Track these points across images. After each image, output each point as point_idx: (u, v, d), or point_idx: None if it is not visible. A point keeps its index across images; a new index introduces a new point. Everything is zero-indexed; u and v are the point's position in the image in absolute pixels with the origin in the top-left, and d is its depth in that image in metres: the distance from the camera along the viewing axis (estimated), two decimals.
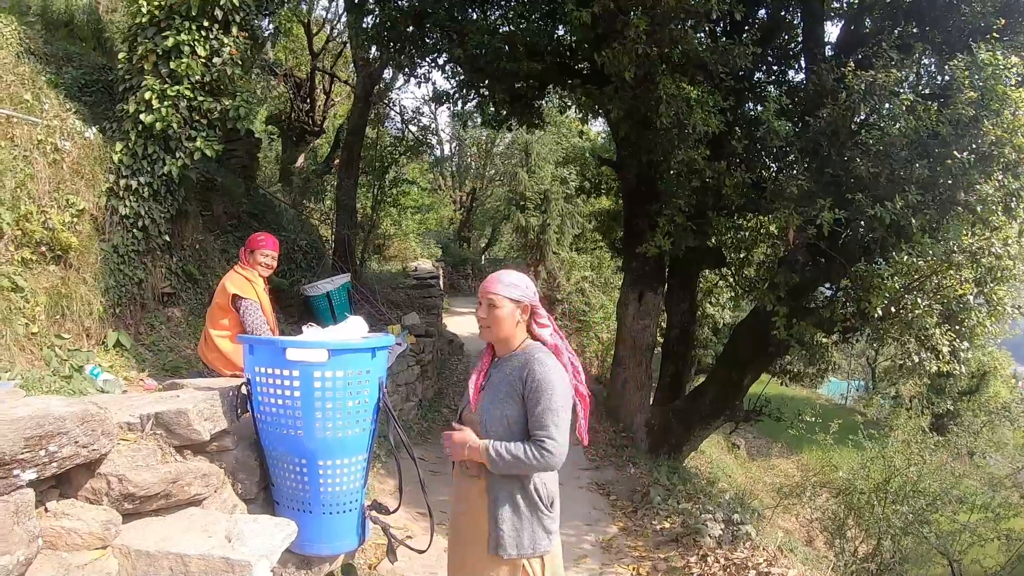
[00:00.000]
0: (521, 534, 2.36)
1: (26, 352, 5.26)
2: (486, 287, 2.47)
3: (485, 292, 2.46)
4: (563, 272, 22.23)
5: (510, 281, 2.46)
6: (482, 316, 2.47)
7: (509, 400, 2.38)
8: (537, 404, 2.32)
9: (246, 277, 4.46)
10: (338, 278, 9.82)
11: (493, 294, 2.43)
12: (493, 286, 2.45)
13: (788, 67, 9.70)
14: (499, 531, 2.34)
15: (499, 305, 2.42)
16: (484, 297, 2.46)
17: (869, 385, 27.79)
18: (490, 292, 2.44)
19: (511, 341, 2.47)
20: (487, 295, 2.44)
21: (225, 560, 1.90)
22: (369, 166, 13.92)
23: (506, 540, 2.34)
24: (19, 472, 1.66)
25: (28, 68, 6.48)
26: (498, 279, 2.47)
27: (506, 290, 2.43)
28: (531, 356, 2.41)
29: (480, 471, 2.40)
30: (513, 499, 2.37)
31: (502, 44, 8.50)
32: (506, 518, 2.35)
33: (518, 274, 2.53)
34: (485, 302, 2.45)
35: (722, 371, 9.18)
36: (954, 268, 5.90)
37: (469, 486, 2.46)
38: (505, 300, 2.42)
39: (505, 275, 2.50)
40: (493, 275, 2.51)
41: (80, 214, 6.06)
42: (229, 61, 6.53)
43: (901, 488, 7.78)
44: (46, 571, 1.73)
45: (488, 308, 2.44)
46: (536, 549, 2.38)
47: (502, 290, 2.43)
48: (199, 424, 2.37)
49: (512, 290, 2.44)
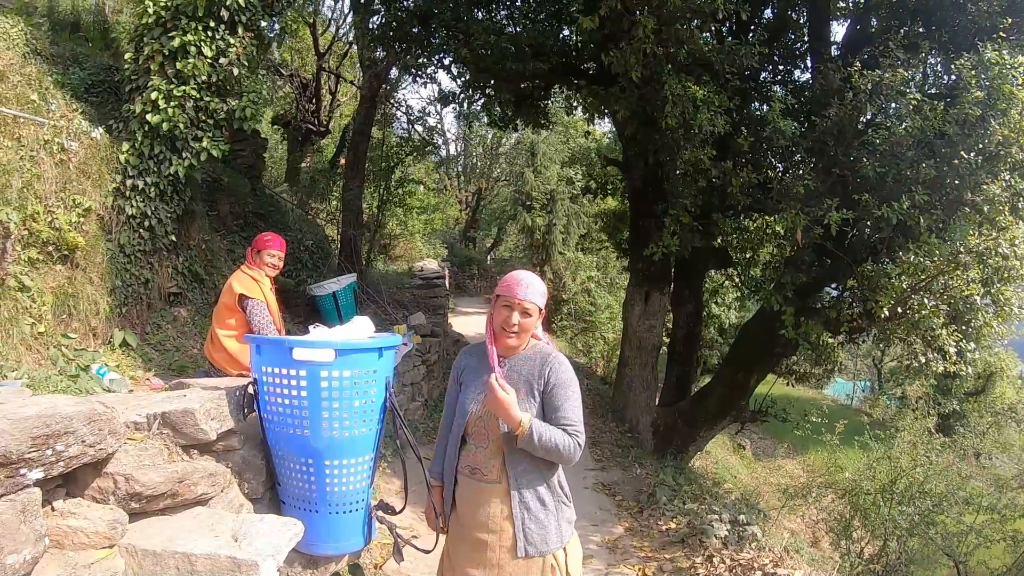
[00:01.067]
0: (548, 529, 2.37)
1: (33, 351, 5.28)
2: (519, 294, 2.40)
3: (518, 299, 2.39)
4: (569, 272, 22.24)
5: (541, 289, 2.43)
6: (512, 323, 2.40)
7: (529, 399, 2.39)
8: (566, 399, 2.37)
9: (253, 277, 4.47)
10: (344, 278, 9.82)
11: (530, 302, 2.39)
12: (527, 293, 2.40)
13: (795, 67, 9.69)
14: (528, 531, 2.34)
15: (533, 313, 2.41)
16: (518, 305, 2.39)
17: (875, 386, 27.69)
18: (527, 300, 2.39)
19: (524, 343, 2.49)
20: (523, 303, 2.39)
21: (232, 560, 1.90)
22: (375, 166, 13.94)
23: (536, 538, 2.34)
24: (26, 471, 1.66)
25: (35, 69, 6.50)
26: (530, 285, 2.41)
27: (540, 299, 2.42)
28: (548, 354, 2.46)
29: (501, 475, 2.38)
30: (539, 497, 2.38)
31: (508, 44, 8.50)
32: (535, 517, 2.36)
33: (538, 279, 2.49)
34: (518, 309, 2.40)
35: (728, 372, 9.16)
36: (961, 268, 5.87)
37: (487, 493, 2.40)
38: (538, 308, 2.42)
39: (535, 281, 2.44)
40: (519, 280, 2.44)
41: (86, 214, 6.08)
42: (235, 61, 6.55)
43: (907, 489, 7.75)
44: (52, 570, 1.73)
45: (521, 315, 2.40)
46: (563, 540, 2.40)
47: (538, 299, 2.41)
48: (206, 424, 2.37)
49: (542, 298, 2.43)
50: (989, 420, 20.12)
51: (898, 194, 5.90)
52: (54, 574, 1.73)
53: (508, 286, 2.43)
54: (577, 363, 16.03)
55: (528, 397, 2.39)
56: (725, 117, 6.67)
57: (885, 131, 6.22)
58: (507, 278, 2.47)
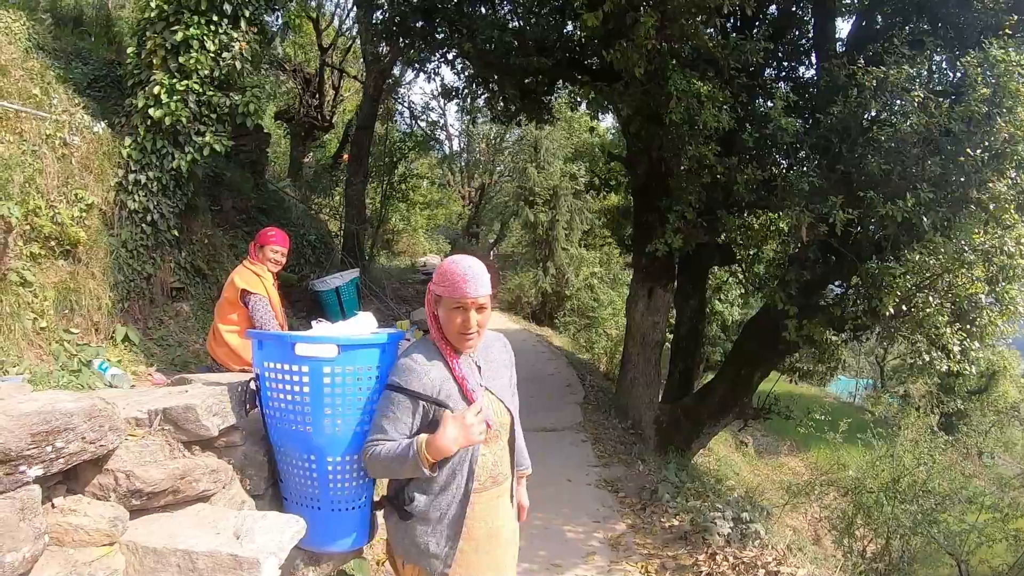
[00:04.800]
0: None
1: (34, 347, 5.30)
2: (470, 292, 2.09)
3: (470, 298, 2.10)
4: (572, 268, 22.25)
5: (487, 275, 2.14)
6: (471, 326, 2.13)
7: (512, 385, 2.41)
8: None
9: (255, 272, 4.47)
10: (347, 273, 9.83)
11: (486, 296, 2.12)
12: (478, 289, 2.10)
13: (800, 63, 9.64)
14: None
15: (487, 304, 2.15)
16: (472, 304, 2.11)
17: (878, 383, 27.66)
18: (480, 297, 2.11)
19: None
20: (480, 299, 2.11)
21: (233, 557, 1.89)
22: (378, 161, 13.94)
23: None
24: (25, 468, 1.65)
25: (37, 63, 6.52)
26: (477, 277, 2.11)
27: (489, 286, 2.14)
28: (497, 335, 2.44)
29: (509, 467, 2.39)
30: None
31: (511, 39, 8.47)
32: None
33: (479, 262, 2.17)
34: (473, 308, 2.11)
35: (731, 368, 9.16)
36: (966, 267, 5.84)
37: (498, 495, 2.34)
38: (489, 296, 2.15)
39: (479, 269, 2.13)
40: (464, 275, 2.11)
41: (89, 209, 6.10)
42: (238, 56, 6.54)
43: (911, 487, 7.74)
44: (52, 568, 1.73)
45: (477, 312, 2.14)
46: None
47: (488, 288, 2.13)
48: (207, 419, 2.35)
49: (490, 284, 2.14)
50: (992, 419, 20.12)
51: (903, 191, 5.88)
52: (54, 572, 1.72)
53: (453, 284, 2.11)
54: (580, 359, 16.03)
55: (511, 384, 2.40)
56: (730, 113, 6.65)
57: (890, 128, 6.19)
58: (448, 274, 2.13)
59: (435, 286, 2.18)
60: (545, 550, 5.22)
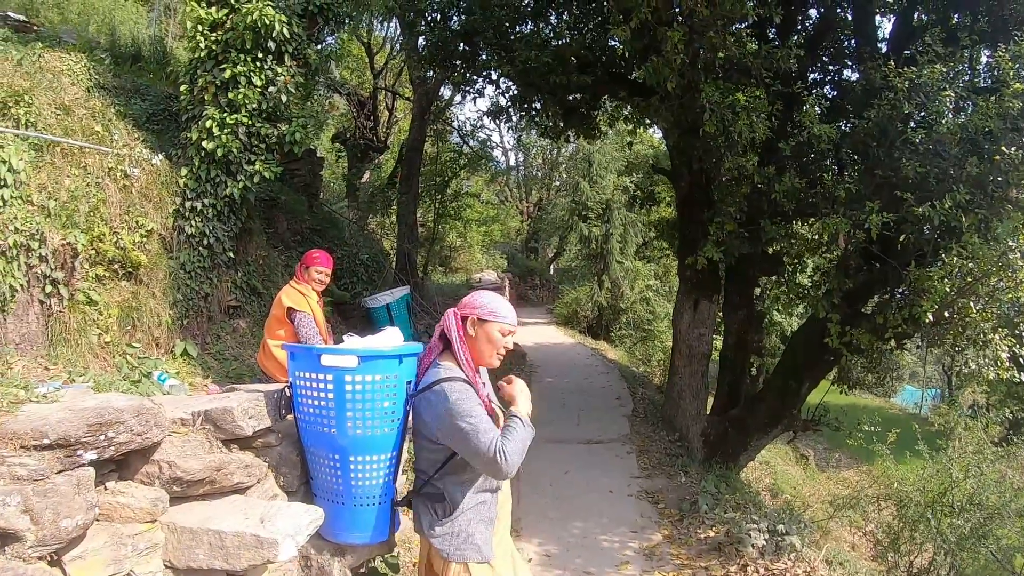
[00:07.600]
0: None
1: (99, 359, 5.75)
2: (515, 320, 2.57)
3: (515, 327, 2.58)
4: (627, 281, 22.17)
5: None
6: (510, 347, 2.60)
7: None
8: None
9: (300, 291, 4.78)
10: (397, 290, 10.17)
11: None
12: (514, 318, 2.58)
13: (844, 66, 9.53)
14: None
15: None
16: (512, 331, 2.58)
17: (945, 393, 26.54)
18: (515, 324, 2.57)
19: None
20: (514, 329, 2.58)
21: (256, 537, 2.19)
22: (429, 181, 14.31)
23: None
24: (82, 452, 2.01)
25: (98, 101, 7.02)
26: (511, 311, 2.58)
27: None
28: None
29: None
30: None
31: (551, 59, 8.66)
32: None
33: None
34: (511, 336, 2.58)
35: (779, 379, 9.02)
36: (1008, 269, 5.67)
37: (506, 490, 2.70)
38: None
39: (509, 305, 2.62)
40: (508, 306, 2.59)
41: (149, 234, 6.57)
42: (283, 89, 6.94)
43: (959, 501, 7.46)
44: (102, 537, 2.07)
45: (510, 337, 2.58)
46: None
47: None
48: (242, 420, 2.63)
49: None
50: None
51: (940, 193, 5.76)
52: (103, 540, 2.06)
53: (506, 313, 2.56)
54: (633, 372, 16.00)
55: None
56: (766, 122, 6.64)
57: (925, 129, 6.09)
58: (499, 304, 2.59)
59: (482, 312, 2.54)
60: (580, 558, 5.34)
